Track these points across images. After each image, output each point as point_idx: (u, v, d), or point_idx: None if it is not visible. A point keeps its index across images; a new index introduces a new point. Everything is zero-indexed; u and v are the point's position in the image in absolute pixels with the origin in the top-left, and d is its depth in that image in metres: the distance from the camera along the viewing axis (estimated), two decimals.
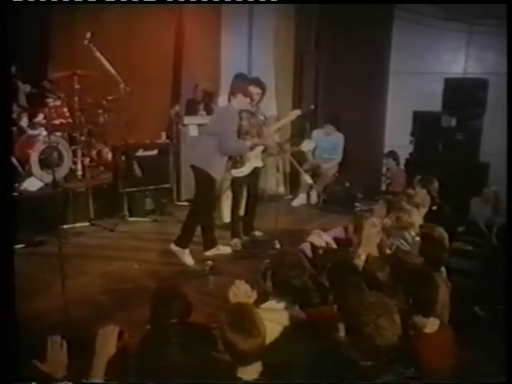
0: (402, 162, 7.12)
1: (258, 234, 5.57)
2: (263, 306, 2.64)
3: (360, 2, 6.64)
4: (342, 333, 2.46)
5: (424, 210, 4.41)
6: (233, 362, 2.14)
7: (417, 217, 3.94)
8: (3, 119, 2.91)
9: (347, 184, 6.99)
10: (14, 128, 6.07)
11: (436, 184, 4.86)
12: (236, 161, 5.15)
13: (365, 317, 2.16)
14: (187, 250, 4.81)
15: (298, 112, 5.63)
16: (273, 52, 7.51)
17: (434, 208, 4.61)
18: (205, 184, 4.79)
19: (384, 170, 7.38)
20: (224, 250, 5.11)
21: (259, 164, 5.30)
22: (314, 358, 2.29)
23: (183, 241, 4.82)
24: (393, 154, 7.19)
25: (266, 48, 7.54)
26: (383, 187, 7.26)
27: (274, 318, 2.51)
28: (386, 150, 7.44)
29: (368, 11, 6.74)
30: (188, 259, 4.80)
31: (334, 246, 3.67)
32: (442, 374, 2.42)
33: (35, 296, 3.97)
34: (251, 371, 2.14)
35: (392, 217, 3.80)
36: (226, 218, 5.75)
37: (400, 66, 7.25)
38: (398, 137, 7.15)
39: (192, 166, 4.88)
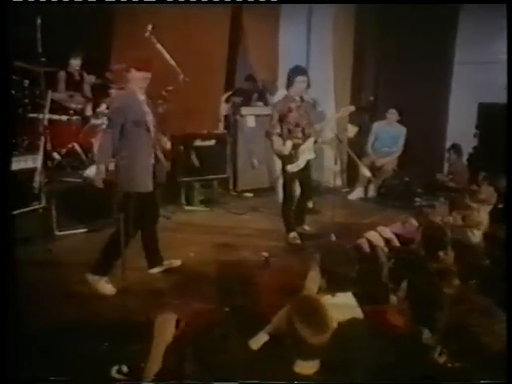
0: (466, 156, 6.84)
1: (306, 228, 5.45)
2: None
3: None
4: (426, 334, 2.36)
5: (489, 208, 4.22)
6: (295, 355, 2.11)
7: (484, 215, 3.76)
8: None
9: (406, 178, 6.80)
10: (79, 117, 6.29)
11: (504, 180, 4.64)
12: (291, 156, 5.12)
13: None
14: (105, 278, 3.96)
15: (351, 108, 5.47)
16: (332, 42, 7.37)
17: (501, 206, 4.40)
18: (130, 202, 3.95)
19: (446, 164, 7.13)
20: (174, 262, 4.41)
21: (312, 156, 5.23)
22: (377, 356, 2.24)
23: (103, 267, 3.96)
24: (455, 148, 6.92)
25: (324, 38, 7.41)
26: (445, 182, 7.00)
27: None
28: (449, 143, 7.17)
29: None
30: (107, 288, 3.93)
31: (396, 242, 3.57)
32: None
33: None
34: (310, 366, 2.11)
35: (455, 215, 3.65)
36: None
37: (464, 56, 6.95)
38: (461, 130, 6.88)
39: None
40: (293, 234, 5.23)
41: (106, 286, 3.90)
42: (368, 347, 2.32)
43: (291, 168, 5.11)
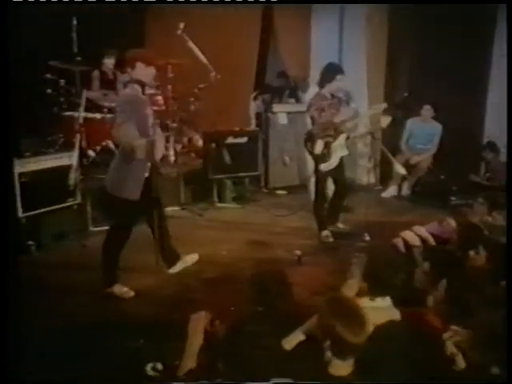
0: (505, 153, 6.63)
1: (341, 226, 5.39)
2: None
3: None
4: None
5: None
6: (333, 354, 2.07)
7: None
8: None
9: (442, 176, 6.64)
10: (113, 115, 6.36)
11: None
12: (323, 155, 5.08)
13: None
14: (117, 285, 3.90)
15: (384, 105, 5.35)
16: (365, 40, 7.26)
17: None
18: (121, 209, 3.92)
19: (482, 163, 6.93)
20: (188, 260, 4.34)
21: (345, 152, 5.17)
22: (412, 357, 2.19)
23: (108, 276, 3.92)
24: (490, 146, 6.73)
25: (357, 36, 7.31)
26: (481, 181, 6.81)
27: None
28: (486, 140, 6.98)
29: None
30: (123, 291, 3.89)
31: (433, 242, 3.48)
32: None
33: (132, 274, 4.12)
34: (346, 367, 2.08)
35: (496, 215, 3.53)
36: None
37: (503, 49, 6.73)
38: (499, 127, 6.67)
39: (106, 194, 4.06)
40: (325, 233, 5.17)
41: (122, 291, 3.84)
42: (405, 349, 2.27)
43: (324, 167, 5.07)
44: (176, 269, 4.22)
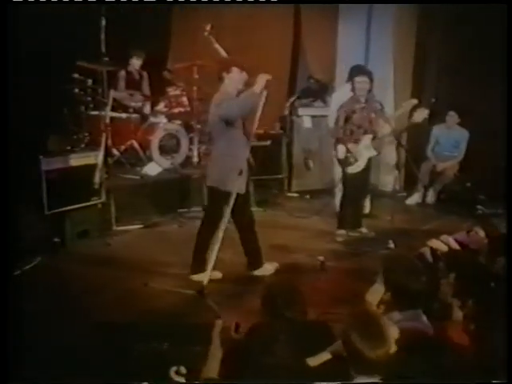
0: None
1: (364, 231, 5.32)
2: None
3: None
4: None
5: None
6: (352, 369, 2.04)
7: None
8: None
9: (468, 184, 6.52)
10: (138, 115, 6.42)
11: None
12: (347, 157, 5.05)
13: None
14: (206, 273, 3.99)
15: (414, 101, 5.29)
16: (392, 42, 7.18)
17: None
18: (220, 200, 4.07)
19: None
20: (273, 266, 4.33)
21: (372, 153, 5.14)
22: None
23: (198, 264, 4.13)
24: None
25: (385, 38, 7.22)
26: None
27: None
28: None
29: None
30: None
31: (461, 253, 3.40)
32: None
33: (148, 275, 4.14)
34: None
35: None
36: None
37: None
38: None
39: (208, 187, 4.32)
40: (341, 232, 5.16)
41: (209, 277, 3.92)
42: (430, 364, 2.21)
43: (352, 170, 5.06)
44: (258, 272, 4.23)
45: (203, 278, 3.91)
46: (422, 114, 5.00)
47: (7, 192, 2.96)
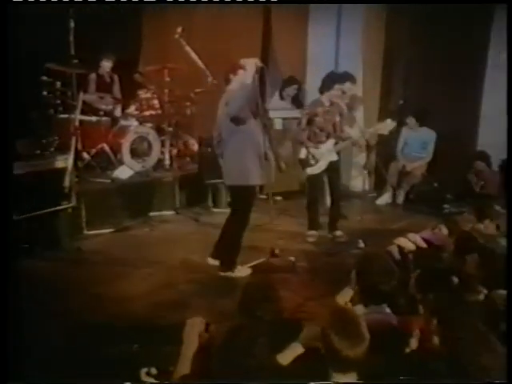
0: (498, 162, 6.65)
1: (338, 234, 5.36)
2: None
3: None
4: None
5: None
6: (331, 368, 2.07)
7: None
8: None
9: (436, 184, 6.68)
10: (109, 118, 6.37)
11: None
12: (308, 159, 5.12)
13: None
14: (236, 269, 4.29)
15: (391, 125, 5.29)
16: (361, 43, 7.30)
17: None
18: (247, 195, 4.22)
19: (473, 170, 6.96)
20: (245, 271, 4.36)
21: (334, 158, 5.21)
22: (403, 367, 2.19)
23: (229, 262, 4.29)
24: (481, 156, 6.77)
25: (354, 38, 7.35)
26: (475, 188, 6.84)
27: None
28: (480, 148, 7.02)
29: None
30: (243, 271, 4.31)
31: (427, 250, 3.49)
32: None
33: (119, 279, 4.13)
34: (347, 379, 2.06)
35: (488, 223, 3.55)
36: None
37: (497, 57, 6.78)
38: (493, 135, 6.71)
39: (230, 187, 4.40)
40: (311, 233, 5.23)
41: (241, 271, 4.25)
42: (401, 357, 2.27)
43: (311, 171, 5.14)
44: (234, 274, 4.28)
45: (244, 272, 4.25)
46: (388, 127, 5.15)
47: None
